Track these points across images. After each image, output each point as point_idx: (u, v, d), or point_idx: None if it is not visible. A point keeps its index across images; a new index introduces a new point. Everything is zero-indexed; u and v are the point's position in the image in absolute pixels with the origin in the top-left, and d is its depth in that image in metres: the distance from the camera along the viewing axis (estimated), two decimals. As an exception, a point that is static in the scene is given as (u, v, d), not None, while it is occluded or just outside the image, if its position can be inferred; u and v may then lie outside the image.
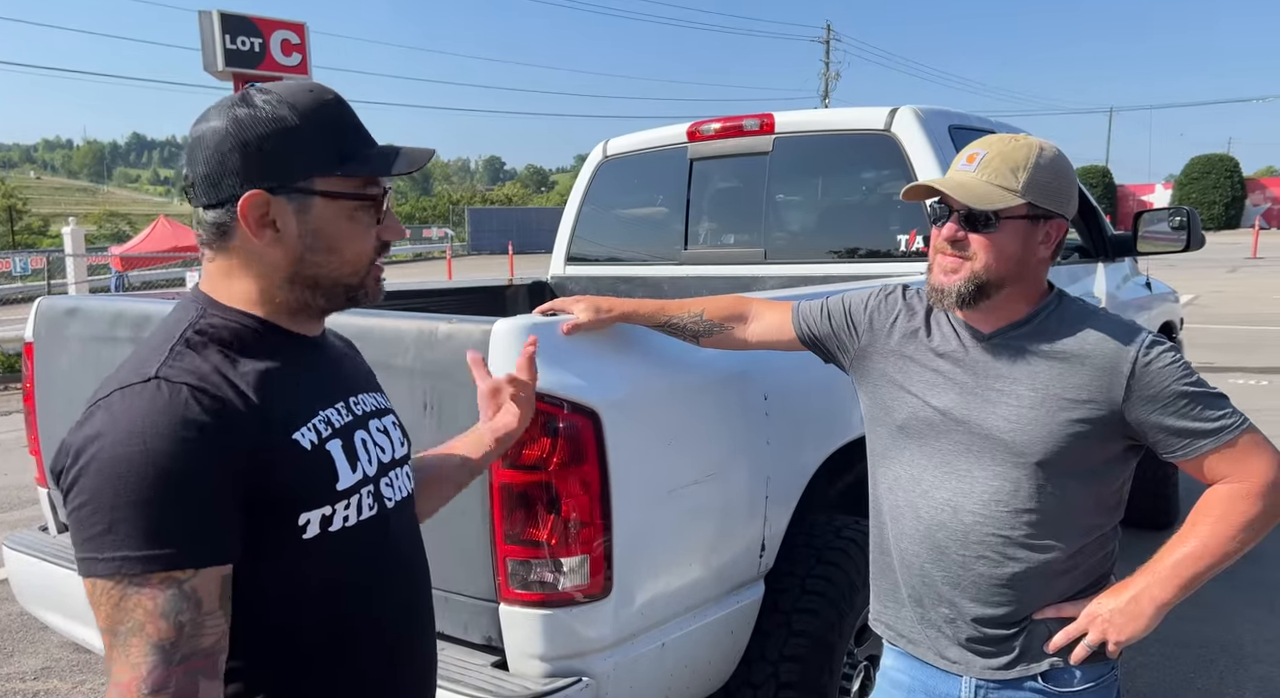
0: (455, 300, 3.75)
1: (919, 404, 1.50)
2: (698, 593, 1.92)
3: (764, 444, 2.04)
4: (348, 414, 1.09)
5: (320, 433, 1.03)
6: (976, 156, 1.43)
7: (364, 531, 1.07)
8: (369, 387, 1.20)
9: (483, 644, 1.77)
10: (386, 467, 1.13)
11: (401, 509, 1.16)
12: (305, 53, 13.24)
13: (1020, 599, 1.46)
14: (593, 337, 1.78)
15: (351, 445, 1.07)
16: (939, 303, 1.47)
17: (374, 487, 1.09)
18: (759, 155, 3.45)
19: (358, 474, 1.06)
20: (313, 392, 1.06)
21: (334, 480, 1.03)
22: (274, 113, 1.01)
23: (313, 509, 1.00)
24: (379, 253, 1.10)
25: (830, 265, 3.28)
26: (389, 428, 1.17)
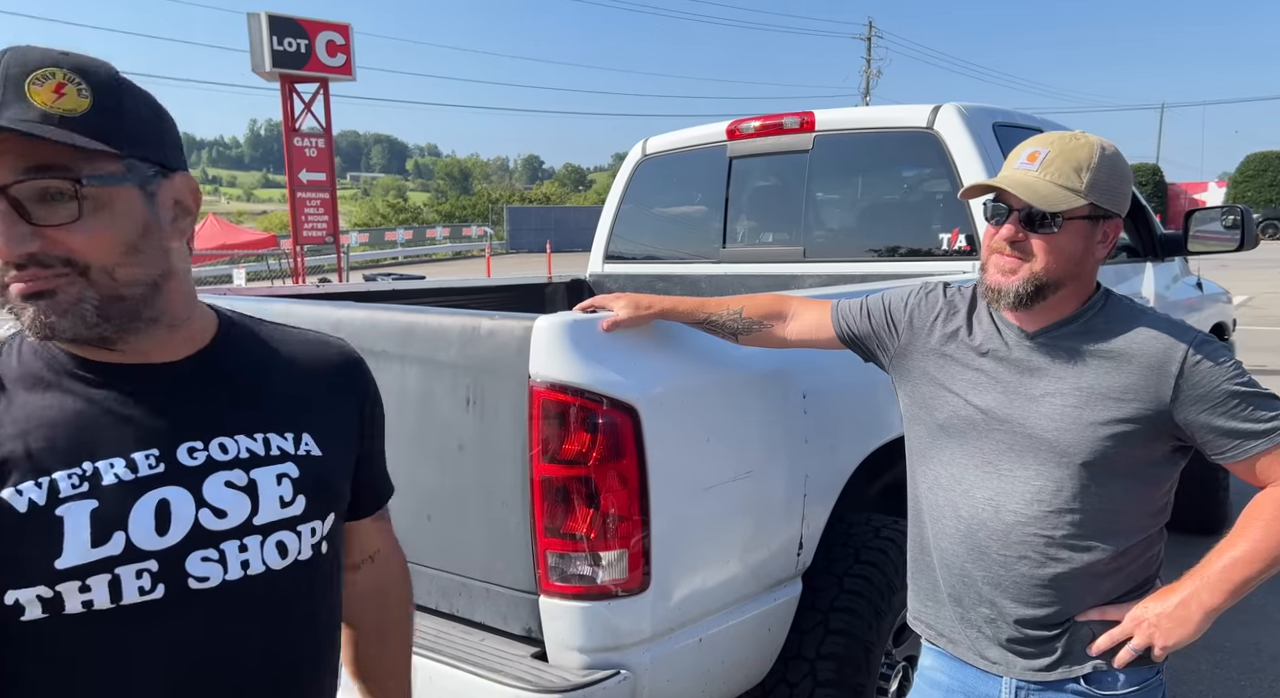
0: (495, 298, 3.80)
1: (960, 403, 1.50)
2: (735, 590, 1.93)
3: (802, 442, 2.04)
4: (156, 465, 0.87)
5: (57, 490, 0.82)
6: (1038, 155, 1.41)
7: (135, 619, 0.84)
8: (265, 426, 0.95)
9: (522, 635, 1.80)
10: (214, 535, 0.88)
11: (236, 593, 0.89)
12: (349, 53, 13.47)
13: (1062, 600, 1.44)
14: (632, 333, 1.80)
15: (120, 509, 0.83)
16: (994, 303, 1.46)
17: (161, 562, 0.85)
18: (799, 153, 3.44)
19: (107, 548, 0.82)
20: (88, 437, 0.85)
21: (52, 555, 0.80)
22: None
23: (21, 589, 0.81)
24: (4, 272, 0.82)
25: (870, 264, 3.26)
26: (264, 482, 0.92)
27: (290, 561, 0.94)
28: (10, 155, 0.79)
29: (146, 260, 0.86)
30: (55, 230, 0.80)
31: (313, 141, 13.81)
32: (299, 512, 0.94)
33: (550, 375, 1.68)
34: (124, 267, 0.85)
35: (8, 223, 0.79)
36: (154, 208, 0.87)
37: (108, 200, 0.83)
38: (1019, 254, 1.41)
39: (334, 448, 1.00)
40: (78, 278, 0.82)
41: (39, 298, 0.81)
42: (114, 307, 0.85)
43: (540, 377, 1.69)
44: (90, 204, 0.82)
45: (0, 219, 0.79)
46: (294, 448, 0.96)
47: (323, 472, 0.98)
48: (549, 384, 1.68)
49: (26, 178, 0.79)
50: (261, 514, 0.92)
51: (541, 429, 1.69)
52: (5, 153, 0.79)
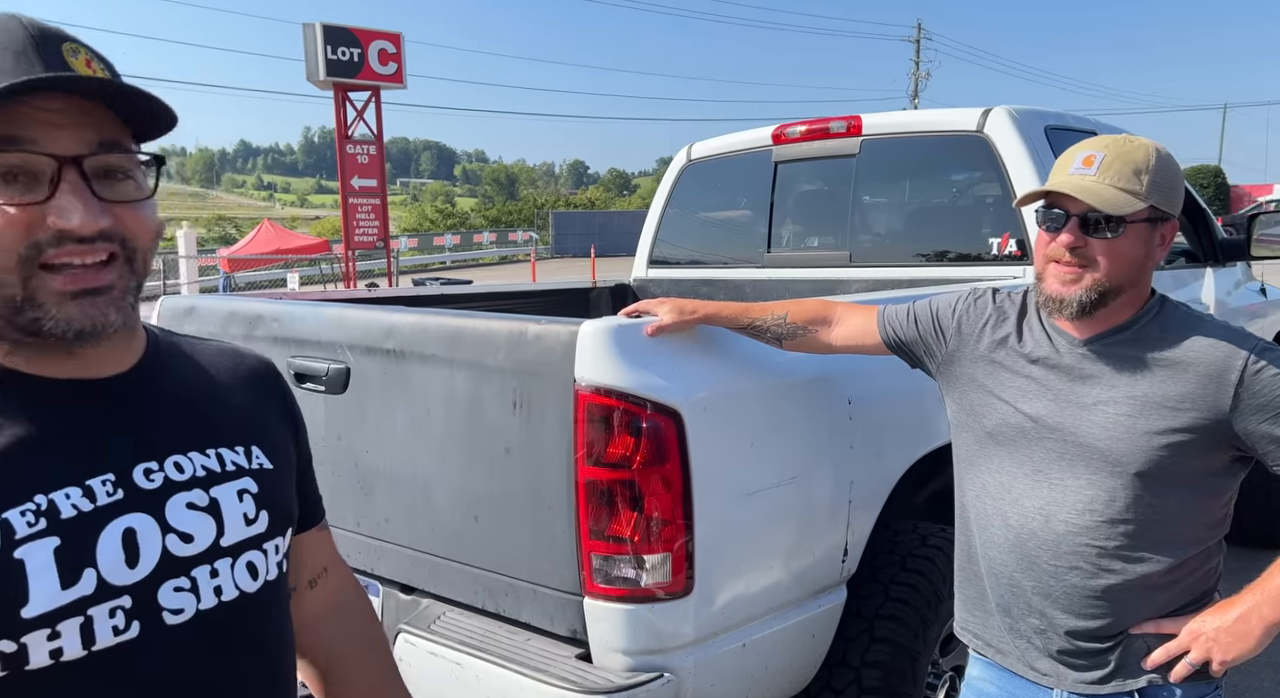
0: (541, 302, 3.84)
1: (1009, 411, 1.48)
2: (779, 595, 1.93)
3: (847, 448, 2.03)
4: (115, 491, 0.78)
5: (11, 532, 0.71)
6: (1095, 159, 1.39)
7: (108, 665, 0.75)
8: (216, 440, 0.88)
9: (567, 636, 1.82)
10: (184, 563, 0.81)
11: (212, 622, 0.82)
12: (401, 61, 13.73)
13: (1115, 612, 1.41)
14: (676, 338, 1.81)
15: (86, 543, 0.75)
16: (1054, 313, 1.44)
17: (134, 598, 0.77)
18: (845, 158, 3.42)
19: (79, 588, 0.73)
20: (37, 467, 0.75)
21: (18, 604, 0.71)
22: None
23: None
24: (52, 251, 0.73)
25: (918, 269, 3.22)
26: (226, 500, 0.85)
27: (261, 582, 0.87)
28: (75, 126, 0.73)
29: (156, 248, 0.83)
30: (121, 208, 0.76)
31: (364, 148, 14.11)
32: (263, 529, 0.88)
33: (595, 379, 1.70)
34: (153, 253, 0.81)
35: (85, 196, 0.73)
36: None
37: (144, 183, 0.80)
38: (1079, 261, 1.38)
39: (280, 460, 0.94)
40: (125, 265, 0.77)
41: (96, 294, 0.75)
42: (138, 296, 0.81)
43: (585, 381, 1.71)
44: (135, 185, 0.79)
45: (76, 192, 0.73)
46: (247, 462, 0.89)
47: (276, 485, 0.92)
48: (594, 388, 1.70)
49: (100, 151, 0.75)
50: (228, 535, 0.84)
51: (586, 432, 1.71)
52: (69, 124, 0.73)
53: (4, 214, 0.71)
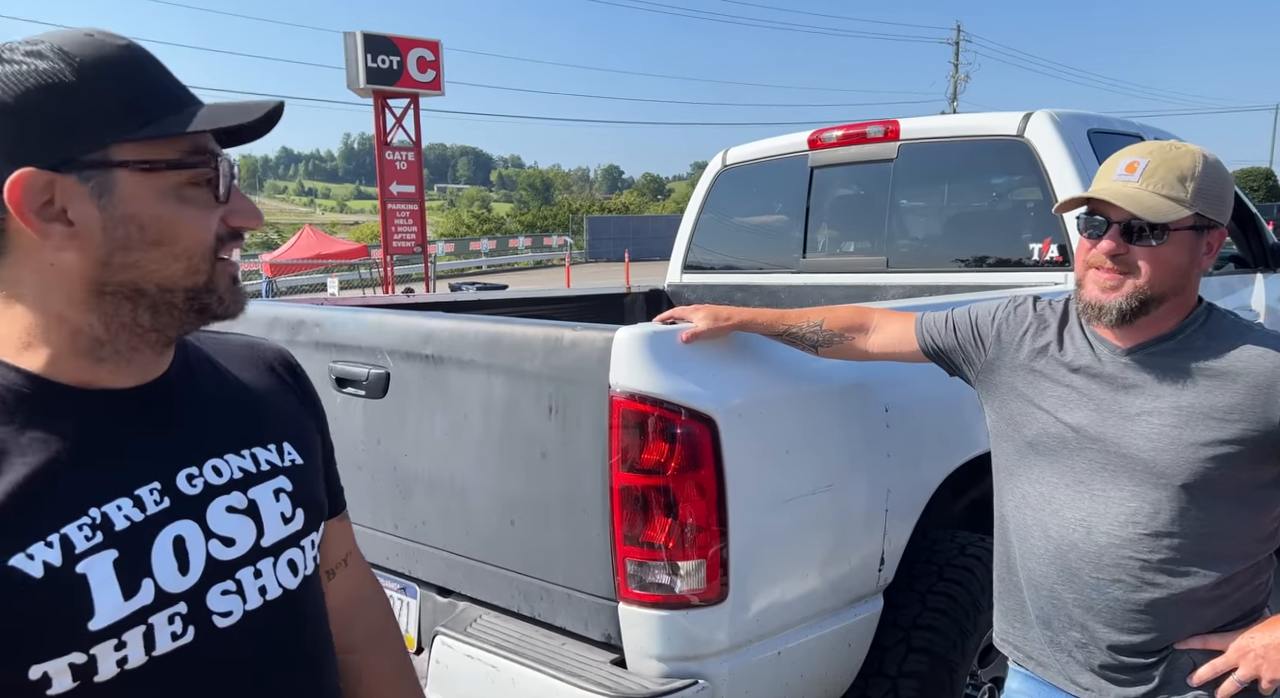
0: (575, 308, 3.86)
1: (1050, 420, 1.46)
2: (814, 603, 1.92)
3: (884, 456, 2.02)
4: (162, 499, 0.79)
5: (73, 547, 0.72)
6: (1138, 165, 1.36)
7: (167, 671, 0.77)
8: (249, 440, 0.89)
9: (602, 641, 1.83)
10: (228, 567, 0.82)
11: (258, 624, 0.84)
12: (439, 69, 13.92)
13: (1160, 627, 1.39)
14: (711, 344, 1.81)
15: (142, 554, 0.76)
16: (1093, 320, 1.42)
17: (188, 604, 0.78)
18: (882, 162, 3.39)
19: (140, 599, 0.75)
20: (88, 479, 0.75)
21: (84, 618, 0.72)
22: (40, 66, 0.72)
23: (50, 660, 0.71)
24: (227, 244, 0.81)
25: (956, 275, 3.19)
26: (264, 501, 0.86)
27: (301, 577, 0.89)
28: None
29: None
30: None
31: (403, 155, 14.31)
32: (300, 526, 0.89)
33: (630, 386, 1.71)
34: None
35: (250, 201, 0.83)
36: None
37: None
38: (1121, 268, 1.36)
39: (309, 453, 0.95)
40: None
41: (238, 282, 0.84)
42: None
43: (620, 387, 1.72)
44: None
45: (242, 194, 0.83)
46: (280, 459, 0.90)
47: (309, 480, 0.93)
48: (629, 394, 1.71)
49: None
50: (268, 536, 0.86)
51: (621, 438, 1.72)
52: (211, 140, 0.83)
53: (207, 214, 0.79)
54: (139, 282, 0.77)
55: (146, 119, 0.75)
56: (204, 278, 0.79)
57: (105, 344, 0.78)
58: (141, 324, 0.79)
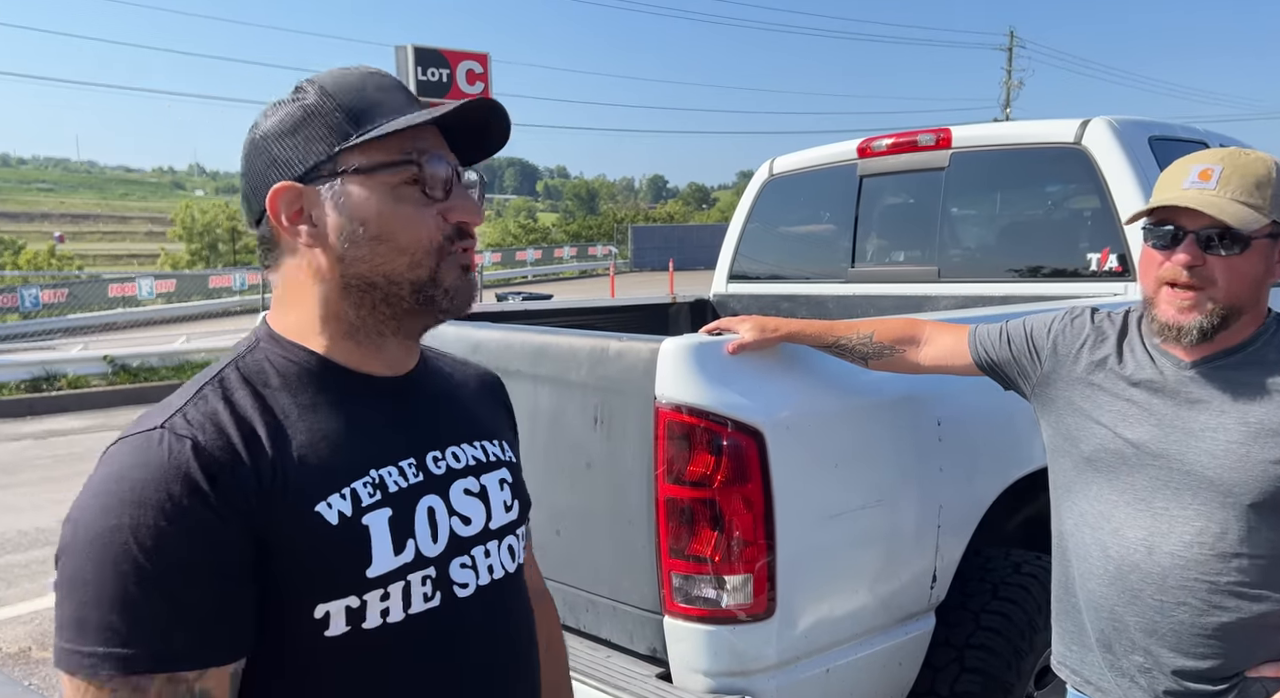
0: (620, 318, 3.87)
1: (1109, 436, 1.41)
2: (864, 621, 1.88)
3: (936, 471, 1.97)
4: (418, 474, 0.88)
5: (360, 500, 0.82)
6: (1213, 173, 1.30)
7: (415, 630, 0.84)
8: (478, 434, 0.97)
9: (648, 655, 1.82)
10: (466, 542, 0.90)
11: (487, 598, 0.91)
12: (487, 81, 14.11)
13: (1229, 652, 1.33)
14: (758, 356, 1.79)
15: (408, 517, 0.85)
16: (1172, 341, 1.36)
17: (436, 570, 0.86)
18: (934, 171, 3.33)
19: (405, 555, 0.83)
20: (367, 446, 0.85)
21: (365, 564, 0.81)
22: (300, 97, 0.87)
23: (332, 600, 0.79)
24: (454, 240, 0.87)
25: (1010, 285, 3.11)
26: (491, 488, 0.94)
27: (516, 563, 0.97)
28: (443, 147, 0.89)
29: None
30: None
31: (451, 166, 14.51)
32: (516, 516, 0.97)
33: (675, 397, 1.70)
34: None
35: (474, 201, 0.89)
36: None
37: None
38: (1197, 282, 1.30)
39: (516, 455, 1.05)
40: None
41: (468, 273, 0.90)
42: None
43: (666, 398, 1.71)
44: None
45: (467, 193, 0.89)
46: (502, 454, 0.99)
47: (519, 476, 1.02)
48: (674, 405, 1.70)
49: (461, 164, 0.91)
50: (494, 520, 0.94)
51: (666, 450, 1.71)
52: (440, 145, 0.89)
53: (421, 211, 0.86)
54: (369, 275, 0.85)
55: (364, 129, 0.84)
56: (427, 272, 0.86)
57: (359, 330, 0.88)
58: (381, 314, 0.87)
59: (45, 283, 18.69)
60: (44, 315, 16.81)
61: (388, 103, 0.86)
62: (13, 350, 12.02)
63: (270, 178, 0.86)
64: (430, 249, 0.86)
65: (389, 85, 0.88)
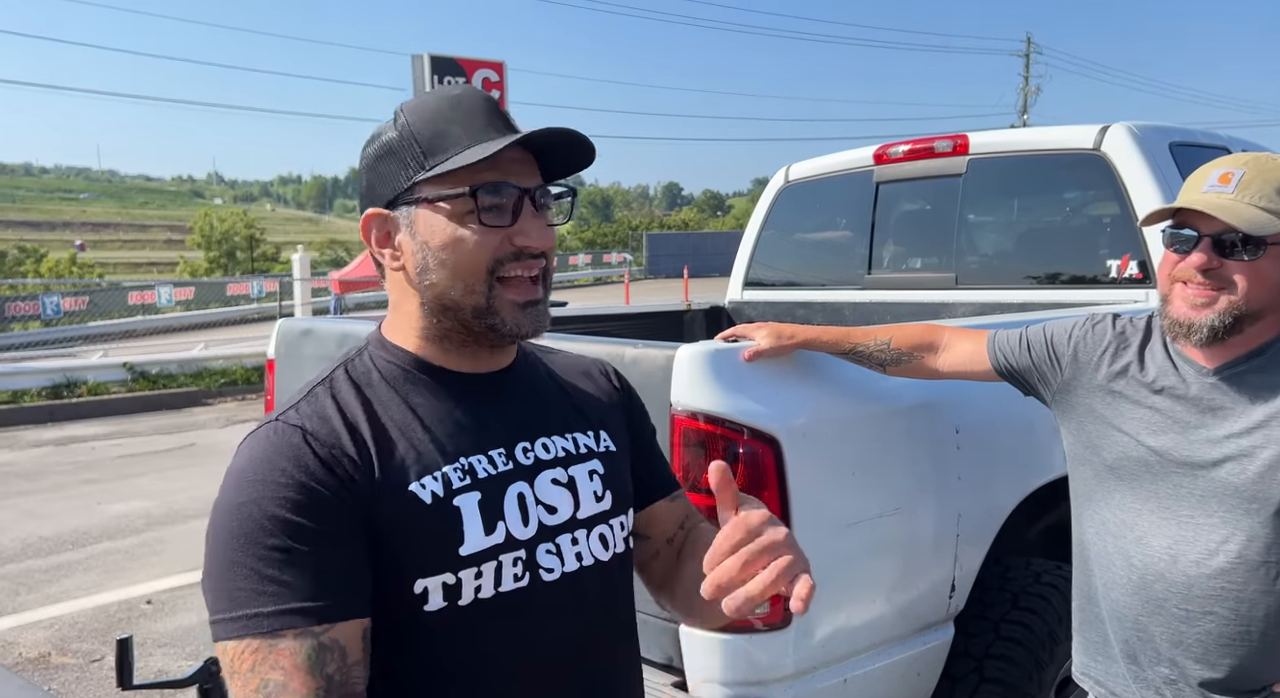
0: (636, 325, 3.86)
1: (1131, 444, 1.40)
2: (881, 630, 1.86)
3: (955, 479, 1.95)
4: (507, 463, 0.94)
5: (450, 483, 0.88)
6: (1232, 177, 1.30)
7: (507, 607, 0.90)
8: (571, 426, 1.02)
9: (663, 664, 1.80)
10: (554, 529, 0.94)
11: (577, 583, 0.95)
12: (503, 89, 14.17)
13: (1257, 664, 1.30)
14: (775, 363, 1.78)
15: (497, 501, 0.91)
16: (1179, 338, 1.35)
17: (526, 552, 0.91)
18: (951, 177, 3.32)
19: (495, 536, 0.89)
20: (458, 436, 0.92)
21: (457, 543, 0.87)
22: (389, 126, 0.95)
23: (430, 576, 0.86)
24: (507, 264, 0.91)
25: (1029, 291, 3.09)
26: (580, 479, 0.98)
27: (611, 553, 0.99)
28: (527, 171, 0.93)
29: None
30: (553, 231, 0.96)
31: (467, 174, 14.58)
32: (608, 506, 1.00)
33: (691, 404, 1.69)
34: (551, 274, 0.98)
35: (539, 219, 0.93)
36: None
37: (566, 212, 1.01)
38: (1214, 283, 1.30)
39: (621, 446, 1.06)
40: (544, 280, 0.96)
41: (536, 305, 0.93)
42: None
43: (681, 405, 1.70)
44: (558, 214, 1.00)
45: (533, 216, 0.92)
46: (596, 444, 1.02)
47: (620, 467, 1.04)
48: (690, 413, 1.69)
49: (544, 185, 0.95)
50: (583, 509, 0.97)
51: (682, 457, 1.70)
52: (525, 170, 0.93)
53: (482, 237, 0.90)
54: (440, 298, 0.93)
55: (435, 160, 0.91)
56: (483, 299, 0.91)
57: (444, 339, 0.96)
58: (459, 331, 0.94)
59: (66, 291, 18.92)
60: (65, 323, 17.01)
61: (464, 129, 0.91)
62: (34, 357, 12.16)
63: (366, 203, 0.95)
64: (481, 274, 0.91)
65: (470, 109, 0.93)
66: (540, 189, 0.93)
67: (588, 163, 0.98)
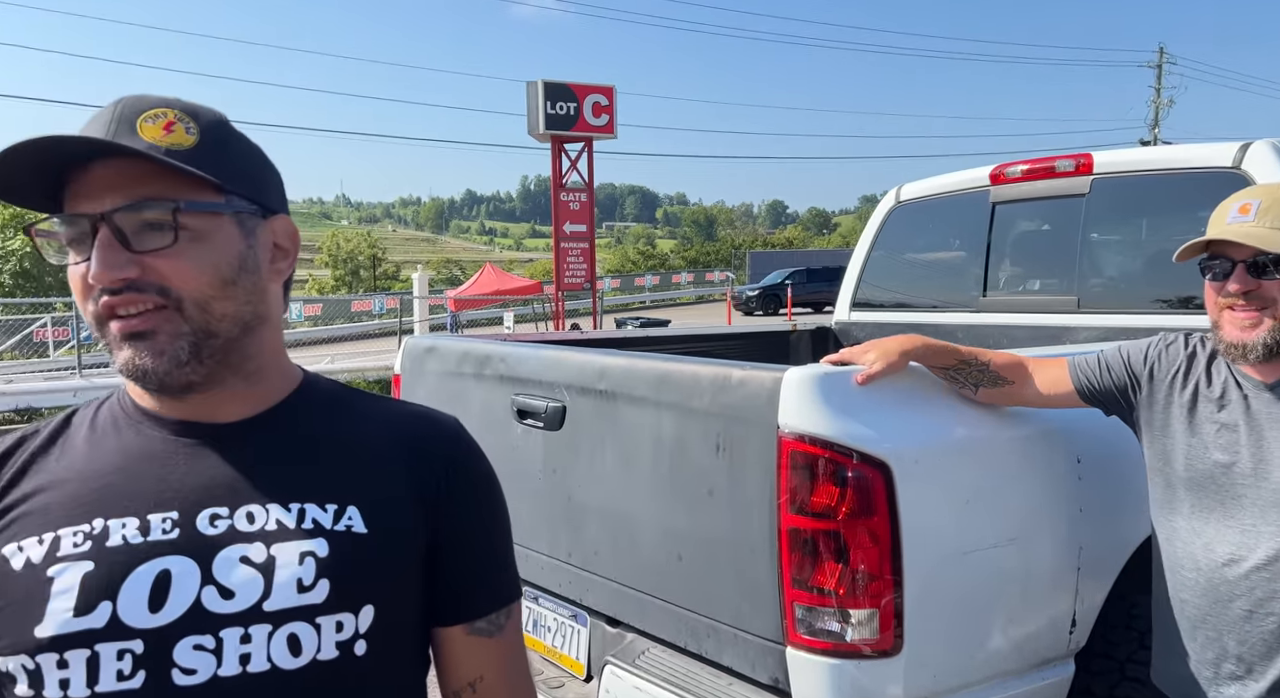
0: (741, 345, 3.88)
1: (1199, 456, 1.50)
2: (996, 664, 1.81)
3: (1076, 511, 1.89)
4: (171, 530, 0.78)
5: (57, 549, 0.76)
6: (1251, 206, 1.45)
7: None
8: (305, 495, 0.83)
9: (769, 685, 1.81)
10: (219, 619, 0.76)
11: (228, 692, 0.76)
12: (612, 113, 14.50)
13: None
14: (888, 387, 1.77)
15: (116, 576, 0.75)
16: (1237, 359, 1.46)
17: (145, 645, 0.74)
18: (1073, 198, 3.20)
19: (89, 619, 0.74)
20: (116, 493, 0.80)
21: (35, 620, 0.73)
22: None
23: (10, 656, 0.74)
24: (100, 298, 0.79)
25: (1157, 316, 2.93)
26: (283, 561, 0.79)
27: (306, 660, 0.78)
28: (115, 187, 0.79)
29: (241, 296, 0.83)
30: (153, 257, 0.78)
31: (576, 196, 14.98)
32: (319, 600, 0.79)
33: (799, 427, 1.70)
34: (218, 300, 0.81)
35: (107, 249, 0.77)
36: (252, 245, 0.85)
37: (206, 232, 0.81)
38: (1256, 304, 1.41)
39: (386, 529, 0.85)
40: (174, 313, 0.79)
41: (138, 339, 0.79)
42: (206, 344, 0.81)
43: (789, 428, 1.72)
44: (188, 234, 0.80)
45: (100, 246, 0.77)
46: (332, 522, 0.82)
47: (362, 554, 0.82)
48: (797, 436, 1.70)
49: (128, 205, 0.78)
50: (274, 599, 0.78)
51: (789, 480, 1.71)
52: (111, 186, 0.79)
53: (74, 276, 0.80)
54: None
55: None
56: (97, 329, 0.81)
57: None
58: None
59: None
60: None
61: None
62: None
63: None
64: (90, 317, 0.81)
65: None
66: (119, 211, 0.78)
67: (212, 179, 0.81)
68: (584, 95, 14.29)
